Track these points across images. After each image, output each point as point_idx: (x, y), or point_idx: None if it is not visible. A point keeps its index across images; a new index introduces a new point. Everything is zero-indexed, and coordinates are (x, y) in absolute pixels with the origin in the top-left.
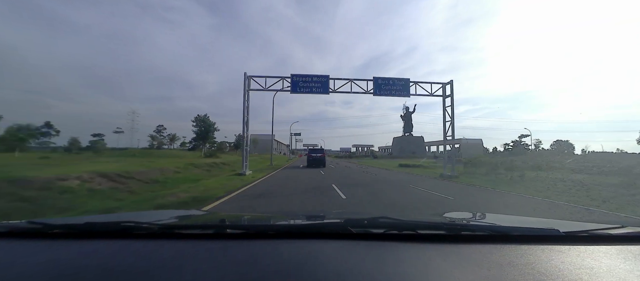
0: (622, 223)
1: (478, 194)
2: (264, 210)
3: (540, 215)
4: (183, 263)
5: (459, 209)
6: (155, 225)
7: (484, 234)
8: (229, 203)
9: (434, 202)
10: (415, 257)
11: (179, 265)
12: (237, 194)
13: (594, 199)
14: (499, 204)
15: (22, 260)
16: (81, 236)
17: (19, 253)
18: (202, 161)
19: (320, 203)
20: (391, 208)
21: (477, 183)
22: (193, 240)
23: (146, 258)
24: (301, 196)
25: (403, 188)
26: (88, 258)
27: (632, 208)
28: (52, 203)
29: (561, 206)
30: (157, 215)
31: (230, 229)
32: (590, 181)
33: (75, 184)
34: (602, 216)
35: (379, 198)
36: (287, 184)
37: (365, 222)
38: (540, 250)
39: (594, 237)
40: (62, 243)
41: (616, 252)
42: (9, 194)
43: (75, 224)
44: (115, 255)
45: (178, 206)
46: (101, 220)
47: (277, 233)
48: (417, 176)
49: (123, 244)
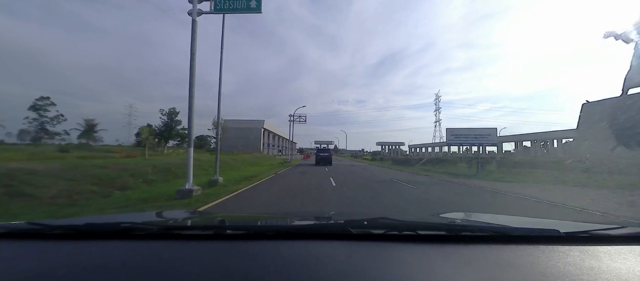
0: (622, 223)
1: None
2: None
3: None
4: (183, 264)
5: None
6: (155, 226)
7: (484, 234)
8: None
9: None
10: (415, 258)
11: (179, 266)
12: None
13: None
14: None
15: (22, 261)
16: (81, 237)
17: (19, 254)
18: (136, 163)
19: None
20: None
21: None
22: (193, 241)
23: (146, 258)
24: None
25: None
26: (88, 259)
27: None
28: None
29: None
30: (157, 216)
31: (230, 230)
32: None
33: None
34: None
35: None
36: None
37: (365, 223)
38: (540, 250)
39: (595, 237)
40: (62, 243)
41: (617, 252)
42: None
43: (75, 225)
44: (115, 256)
45: None
46: (101, 221)
47: (277, 234)
48: None
49: (123, 245)
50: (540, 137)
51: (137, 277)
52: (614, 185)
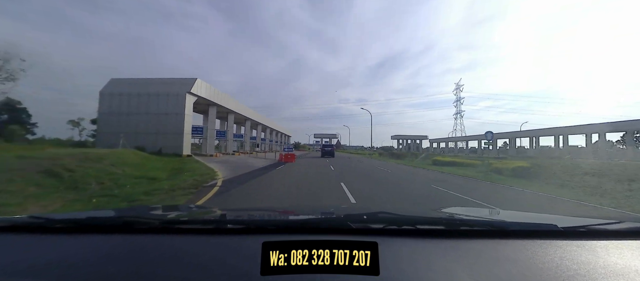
0: (620, 218)
1: None
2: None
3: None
4: (184, 258)
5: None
6: (157, 220)
7: (482, 229)
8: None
9: None
10: (414, 252)
11: (181, 260)
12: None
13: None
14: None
15: (24, 255)
16: (83, 231)
17: (21, 248)
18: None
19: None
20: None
21: None
22: (194, 235)
23: (148, 252)
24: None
25: None
26: (90, 253)
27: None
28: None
29: None
30: (159, 210)
31: (231, 225)
32: None
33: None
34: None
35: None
36: None
37: (364, 217)
38: (538, 245)
39: (592, 232)
40: (64, 237)
41: (614, 247)
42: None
43: (77, 218)
44: (117, 249)
45: None
46: (103, 215)
47: (277, 228)
48: None
49: (125, 238)
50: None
51: (139, 270)
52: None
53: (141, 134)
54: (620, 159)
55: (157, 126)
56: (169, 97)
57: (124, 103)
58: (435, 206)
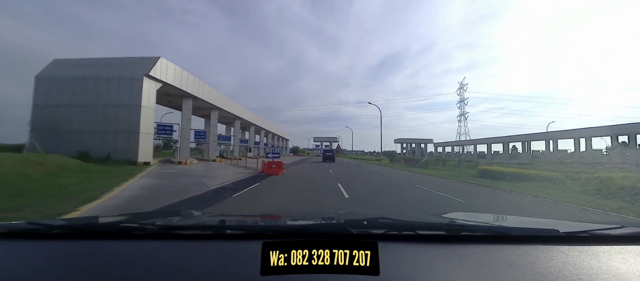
0: (622, 223)
1: None
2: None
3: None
4: (183, 264)
5: None
6: (155, 226)
7: (483, 234)
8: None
9: None
10: (415, 258)
11: (179, 266)
12: None
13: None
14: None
15: (22, 261)
16: (81, 237)
17: (19, 254)
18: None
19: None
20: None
21: None
22: (193, 241)
23: (146, 258)
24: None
25: None
26: (88, 259)
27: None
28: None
29: None
30: (157, 216)
31: (230, 230)
32: None
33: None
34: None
35: None
36: None
37: (364, 223)
38: (540, 250)
39: (594, 237)
40: (62, 243)
41: (616, 252)
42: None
43: (74, 224)
44: (115, 256)
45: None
46: (100, 221)
47: (276, 234)
48: None
49: (123, 244)
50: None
51: (137, 277)
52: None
53: (87, 133)
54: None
55: (106, 123)
56: (121, 82)
57: (66, 91)
58: None
